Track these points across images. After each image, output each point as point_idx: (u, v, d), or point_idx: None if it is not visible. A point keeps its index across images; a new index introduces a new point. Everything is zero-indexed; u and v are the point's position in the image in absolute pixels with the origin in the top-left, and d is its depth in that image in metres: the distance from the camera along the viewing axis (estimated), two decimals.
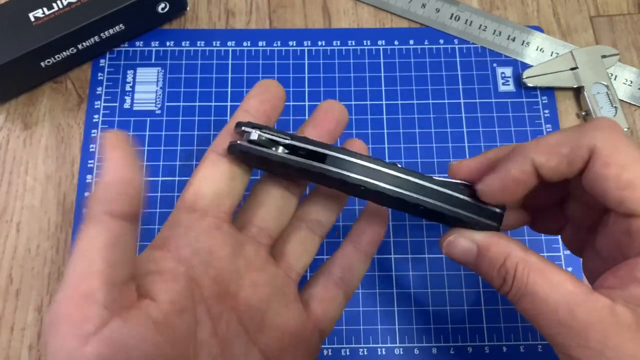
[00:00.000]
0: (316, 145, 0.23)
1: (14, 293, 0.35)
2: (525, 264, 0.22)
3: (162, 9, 0.40)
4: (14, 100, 0.40)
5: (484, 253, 0.23)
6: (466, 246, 0.24)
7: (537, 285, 0.21)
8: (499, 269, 0.23)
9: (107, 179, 0.21)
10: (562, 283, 0.21)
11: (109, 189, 0.21)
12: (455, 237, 0.24)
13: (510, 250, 0.23)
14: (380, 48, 0.41)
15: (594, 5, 0.43)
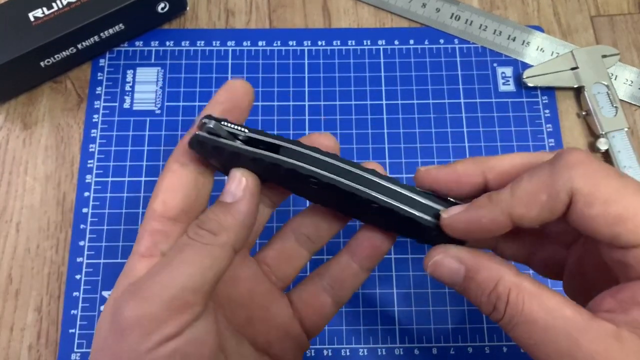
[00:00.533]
0: (273, 138, 0.23)
1: (14, 293, 0.35)
2: (519, 290, 0.20)
3: (161, 9, 0.40)
4: (13, 100, 0.40)
5: (472, 276, 0.21)
6: (453, 267, 0.22)
7: (534, 313, 0.20)
8: (489, 294, 0.21)
9: (243, 217, 0.23)
10: (560, 308, 0.20)
11: (242, 226, 0.23)
12: (442, 257, 0.22)
13: (501, 274, 0.21)
14: (381, 48, 0.41)
15: (595, 5, 0.43)
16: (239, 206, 0.23)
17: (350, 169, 0.23)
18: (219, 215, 0.22)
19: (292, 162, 0.23)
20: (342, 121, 0.39)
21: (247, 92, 0.25)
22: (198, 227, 0.22)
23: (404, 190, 0.23)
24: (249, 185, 0.23)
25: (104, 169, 0.38)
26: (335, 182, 0.23)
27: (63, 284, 0.35)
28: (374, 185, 0.23)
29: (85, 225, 0.36)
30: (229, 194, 0.23)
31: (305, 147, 0.23)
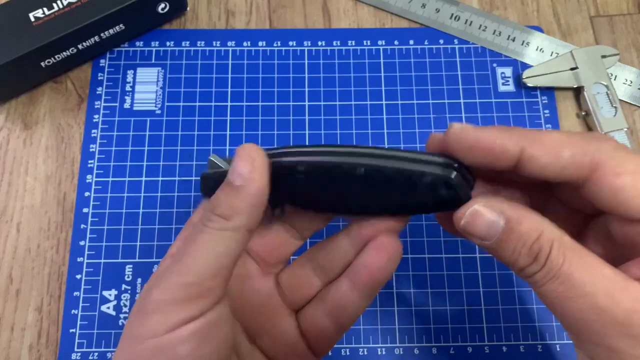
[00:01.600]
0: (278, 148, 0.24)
1: (14, 293, 0.35)
2: (561, 243, 0.20)
3: (162, 9, 0.40)
4: (14, 100, 0.40)
5: (514, 227, 0.20)
6: (492, 219, 0.21)
7: (574, 267, 0.19)
8: (532, 245, 0.20)
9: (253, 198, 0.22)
10: (599, 267, 0.19)
11: (253, 207, 0.22)
12: (482, 208, 0.21)
13: (544, 227, 0.20)
14: (380, 48, 0.41)
15: (594, 5, 0.43)
16: (249, 188, 0.22)
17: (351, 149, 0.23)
18: (229, 198, 0.22)
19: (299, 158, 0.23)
20: (342, 121, 0.39)
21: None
22: (210, 213, 0.22)
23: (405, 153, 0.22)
24: (257, 165, 0.22)
25: (105, 169, 0.38)
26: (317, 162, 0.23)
27: (63, 284, 0.35)
28: (373, 155, 0.22)
29: (86, 225, 0.36)
30: (238, 175, 0.22)
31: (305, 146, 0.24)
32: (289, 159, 0.23)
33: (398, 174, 0.22)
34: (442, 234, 0.37)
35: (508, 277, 0.36)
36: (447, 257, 0.36)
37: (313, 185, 0.23)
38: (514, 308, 0.35)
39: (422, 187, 0.22)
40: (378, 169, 0.22)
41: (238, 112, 0.39)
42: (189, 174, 0.38)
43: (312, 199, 0.25)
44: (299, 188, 0.24)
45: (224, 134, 0.39)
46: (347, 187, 0.23)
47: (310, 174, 0.23)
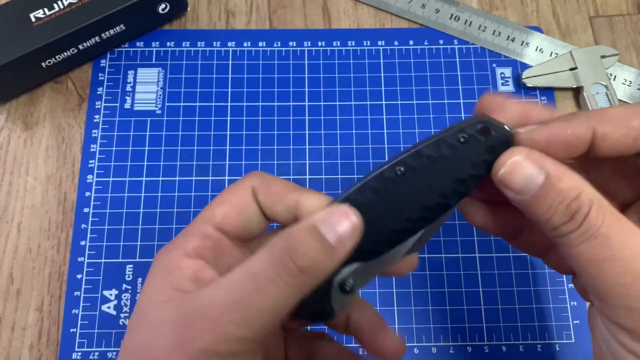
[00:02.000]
0: None
1: (15, 293, 0.35)
2: (600, 205, 0.19)
3: (162, 10, 0.40)
4: (14, 100, 0.40)
5: (555, 183, 0.20)
6: (532, 172, 0.20)
7: (612, 230, 0.19)
8: (570, 203, 0.20)
9: (337, 263, 0.21)
10: (638, 233, 0.19)
11: (332, 271, 0.21)
12: (523, 159, 0.20)
13: (584, 187, 0.20)
14: (380, 48, 0.41)
15: (594, 5, 0.43)
16: (341, 251, 0.20)
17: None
18: (317, 253, 0.20)
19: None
20: (342, 121, 0.39)
21: None
22: (290, 260, 0.20)
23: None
24: (356, 227, 0.20)
25: (105, 169, 0.38)
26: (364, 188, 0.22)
27: (64, 284, 0.35)
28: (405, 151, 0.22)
29: (87, 225, 0.37)
30: (334, 231, 0.20)
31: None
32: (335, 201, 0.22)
33: (433, 147, 0.21)
34: (442, 233, 0.37)
35: (508, 277, 0.36)
36: (447, 257, 0.36)
37: (365, 216, 0.22)
38: (514, 308, 0.35)
39: (463, 145, 0.21)
40: (413, 155, 0.21)
41: (238, 112, 0.39)
42: (189, 174, 0.38)
43: (368, 234, 0.22)
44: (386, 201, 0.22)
45: (224, 134, 0.39)
46: (397, 197, 0.22)
47: (361, 202, 0.22)
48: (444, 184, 0.22)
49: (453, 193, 0.22)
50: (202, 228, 0.22)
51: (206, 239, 0.22)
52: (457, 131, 0.21)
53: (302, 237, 0.20)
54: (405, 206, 0.22)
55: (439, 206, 0.22)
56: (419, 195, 0.22)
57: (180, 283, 0.21)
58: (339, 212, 0.20)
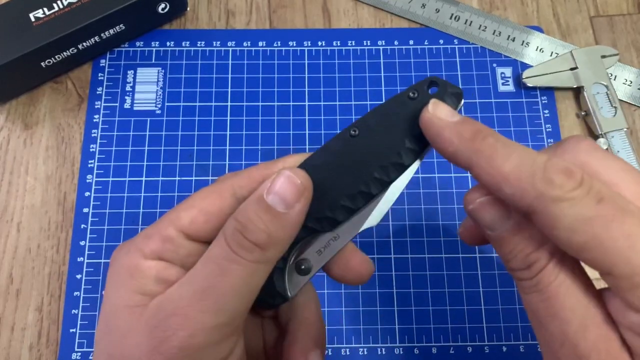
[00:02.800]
0: None
1: (15, 293, 0.35)
2: (559, 262, 0.19)
3: (162, 9, 0.40)
4: (14, 100, 0.40)
5: (520, 230, 0.20)
6: (501, 214, 0.20)
7: (561, 289, 0.19)
8: (530, 254, 0.20)
9: (294, 230, 0.20)
10: (586, 297, 0.19)
11: (290, 239, 0.21)
12: (494, 201, 0.20)
13: (546, 241, 0.20)
14: (380, 48, 0.41)
15: (594, 5, 0.43)
16: (292, 216, 0.20)
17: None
18: (267, 225, 0.20)
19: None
20: (342, 121, 0.39)
21: None
22: (243, 237, 0.20)
23: None
24: (305, 193, 0.20)
25: (105, 169, 0.38)
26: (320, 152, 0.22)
27: (64, 284, 0.35)
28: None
29: (86, 225, 0.36)
30: (280, 198, 0.20)
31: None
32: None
33: (385, 106, 0.22)
34: (442, 233, 0.37)
35: (508, 277, 0.36)
36: (447, 257, 0.36)
37: (322, 182, 0.22)
38: (514, 308, 0.35)
39: (412, 100, 0.21)
40: (366, 115, 0.22)
41: (238, 112, 0.39)
42: (189, 174, 0.38)
43: (326, 202, 0.22)
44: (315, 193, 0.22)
45: (224, 134, 0.39)
46: (349, 162, 0.22)
47: (316, 165, 0.22)
48: (397, 141, 0.21)
49: (407, 150, 0.22)
50: (163, 231, 0.21)
51: (166, 243, 0.21)
52: (408, 89, 0.22)
53: (250, 212, 0.20)
54: (359, 168, 0.22)
55: (393, 165, 0.22)
56: (372, 155, 0.22)
57: (144, 286, 0.21)
58: (282, 177, 0.20)
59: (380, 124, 0.22)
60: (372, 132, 0.22)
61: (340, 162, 0.22)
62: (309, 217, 0.22)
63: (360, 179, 0.22)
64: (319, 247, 0.23)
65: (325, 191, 0.22)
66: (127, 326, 0.20)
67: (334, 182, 0.22)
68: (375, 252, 0.36)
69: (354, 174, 0.22)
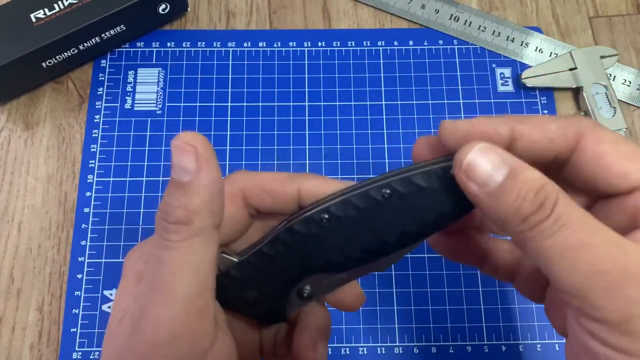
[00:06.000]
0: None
1: (15, 292, 0.35)
2: (565, 196, 0.19)
3: (162, 10, 0.40)
4: (15, 100, 0.40)
5: (519, 172, 0.19)
6: (496, 162, 0.19)
7: (582, 218, 0.18)
8: (537, 192, 0.19)
9: (209, 190, 0.20)
10: (602, 225, 0.19)
11: (212, 200, 0.20)
12: (487, 147, 0.20)
13: (546, 180, 0.19)
14: (380, 49, 0.42)
15: (593, 6, 0.43)
16: (200, 180, 0.19)
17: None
18: (180, 199, 0.19)
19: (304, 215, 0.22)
20: (342, 121, 0.39)
21: None
22: (166, 222, 0.20)
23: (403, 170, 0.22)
24: (199, 151, 0.20)
25: (105, 169, 0.38)
26: (346, 202, 0.22)
27: (64, 284, 0.35)
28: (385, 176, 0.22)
29: (87, 224, 0.37)
30: (181, 170, 0.19)
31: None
32: (310, 212, 0.22)
33: (423, 177, 0.21)
34: None
35: None
36: None
37: (340, 231, 0.22)
38: (514, 307, 0.35)
39: (433, 186, 0.21)
40: (403, 180, 0.21)
41: (238, 113, 0.39)
42: None
43: (340, 250, 0.22)
44: (324, 242, 0.22)
45: (225, 134, 0.39)
46: (378, 218, 0.22)
47: (340, 217, 0.22)
48: (427, 214, 0.22)
49: (433, 224, 0.22)
50: None
51: None
52: (447, 167, 0.21)
53: (166, 197, 0.20)
54: (384, 228, 0.22)
55: (416, 234, 0.22)
56: (400, 220, 0.22)
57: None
58: (175, 151, 0.20)
59: (414, 194, 0.22)
60: (405, 199, 0.22)
61: (366, 219, 0.22)
62: (324, 259, 0.22)
63: (381, 239, 0.22)
64: (325, 280, 0.23)
65: (346, 240, 0.22)
66: (114, 328, 0.21)
67: (355, 235, 0.22)
68: None
69: (376, 233, 0.22)
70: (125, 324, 0.20)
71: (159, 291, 0.19)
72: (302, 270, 0.22)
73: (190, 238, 0.19)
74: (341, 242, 0.22)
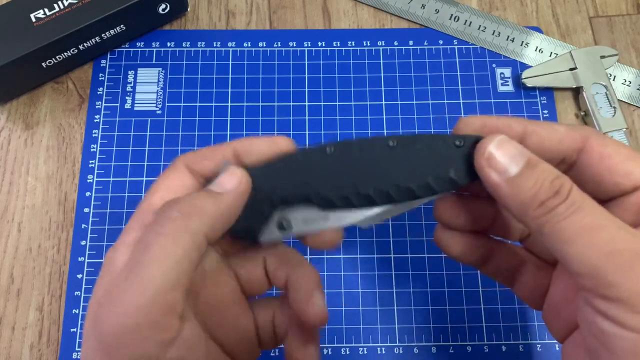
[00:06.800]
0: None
1: (15, 292, 0.35)
2: (578, 189, 0.21)
3: (162, 10, 0.40)
4: (15, 100, 0.40)
5: (537, 163, 0.21)
6: (515, 153, 0.21)
7: (595, 205, 0.20)
8: (553, 180, 0.20)
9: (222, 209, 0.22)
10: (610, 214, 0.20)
11: (218, 219, 0.22)
12: (505, 140, 0.21)
13: (560, 172, 0.21)
14: (380, 49, 0.41)
15: (593, 5, 0.43)
16: (225, 197, 0.22)
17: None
18: (198, 198, 0.21)
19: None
20: (342, 121, 0.39)
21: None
22: (169, 208, 0.21)
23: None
24: (242, 180, 0.23)
25: (105, 169, 0.38)
26: (353, 142, 0.23)
27: (64, 284, 0.35)
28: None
29: (87, 225, 0.37)
30: (218, 185, 0.22)
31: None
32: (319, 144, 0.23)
33: (431, 139, 0.23)
34: None
35: None
36: (447, 256, 0.36)
37: (339, 166, 0.23)
38: (514, 307, 0.35)
39: (457, 148, 0.22)
40: (410, 140, 0.23)
41: (238, 113, 0.39)
42: None
43: (333, 185, 0.23)
44: (321, 171, 0.23)
45: (225, 134, 0.39)
46: (373, 164, 0.23)
47: (342, 151, 0.23)
48: (423, 174, 0.23)
49: (425, 186, 0.23)
50: (141, 219, 0.22)
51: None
52: (456, 137, 0.23)
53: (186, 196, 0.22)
54: (379, 176, 0.23)
55: (406, 191, 0.23)
56: (395, 173, 0.23)
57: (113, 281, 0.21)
58: (225, 172, 0.23)
59: (419, 150, 0.23)
60: (408, 153, 0.23)
61: (365, 161, 0.23)
62: (316, 191, 0.23)
63: (374, 186, 0.23)
64: (307, 217, 0.24)
65: (341, 176, 0.23)
66: (87, 324, 0.21)
67: (352, 174, 0.23)
68: (375, 252, 0.36)
69: (372, 178, 0.23)
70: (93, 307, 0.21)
71: (135, 276, 0.20)
72: (292, 195, 0.23)
73: (183, 232, 0.20)
74: (337, 177, 0.23)
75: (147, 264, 0.20)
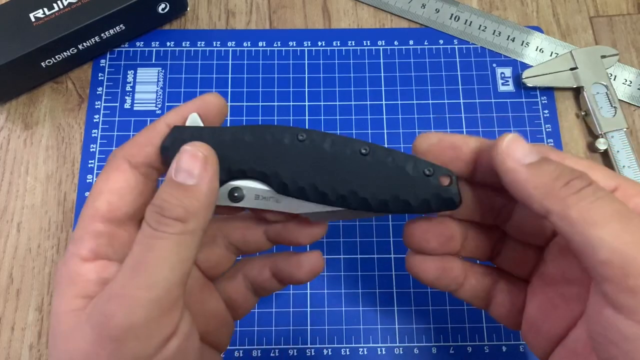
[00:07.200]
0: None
1: (15, 293, 0.35)
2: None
3: (162, 10, 0.40)
4: (14, 100, 0.40)
5: (549, 157, 0.21)
6: (527, 149, 0.21)
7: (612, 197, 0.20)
8: (573, 169, 0.20)
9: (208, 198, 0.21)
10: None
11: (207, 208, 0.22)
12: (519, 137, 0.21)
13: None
14: (380, 48, 0.41)
15: (594, 5, 0.43)
16: (201, 187, 0.21)
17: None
18: (182, 199, 0.20)
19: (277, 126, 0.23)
20: (342, 121, 0.39)
21: (221, 106, 0.24)
22: (161, 216, 0.20)
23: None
24: (207, 160, 0.21)
25: None
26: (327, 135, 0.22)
27: None
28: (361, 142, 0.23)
29: None
30: (185, 172, 0.21)
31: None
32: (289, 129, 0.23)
33: (405, 159, 0.23)
34: None
35: None
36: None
37: (305, 157, 0.23)
38: None
39: (425, 176, 0.23)
40: (383, 152, 0.22)
41: (238, 113, 0.39)
42: None
43: (295, 171, 0.23)
44: (287, 156, 0.23)
45: None
46: (343, 161, 0.23)
47: (312, 142, 0.23)
48: (384, 190, 0.23)
49: (380, 202, 0.23)
50: (90, 227, 0.22)
51: (99, 238, 0.22)
52: (428, 164, 0.23)
53: (164, 194, 0.21)
54: (343, 178, 0.23)
55: (361, 202, 0.23)
56: (359, 181, 0.23)
57: (86, 289, 0.21)
58: (184, 154, 0.21)
59: (388, 166, 0.23)
60: (377, 167, 0.23)
61: (333, 161, 0.23)
62: (274, 173, 0.23)
63: (334, 186, 0.23)
64: (259, 194, 0.24)
65: (302, 166, 0.23)
66: (70, 328, 0.20)
67: (318, 166, 0.23)
68: (375, 252, 0.36)
69: (335, 178, 0.23)
70: (87, 313, 0.20)
71: (141, 274, 0.20)
72: (251, 170, 0.23)
73: (184, 234, 0.20)
74: (300, 166, 0.23)
75: (153, 264, 0.20)
